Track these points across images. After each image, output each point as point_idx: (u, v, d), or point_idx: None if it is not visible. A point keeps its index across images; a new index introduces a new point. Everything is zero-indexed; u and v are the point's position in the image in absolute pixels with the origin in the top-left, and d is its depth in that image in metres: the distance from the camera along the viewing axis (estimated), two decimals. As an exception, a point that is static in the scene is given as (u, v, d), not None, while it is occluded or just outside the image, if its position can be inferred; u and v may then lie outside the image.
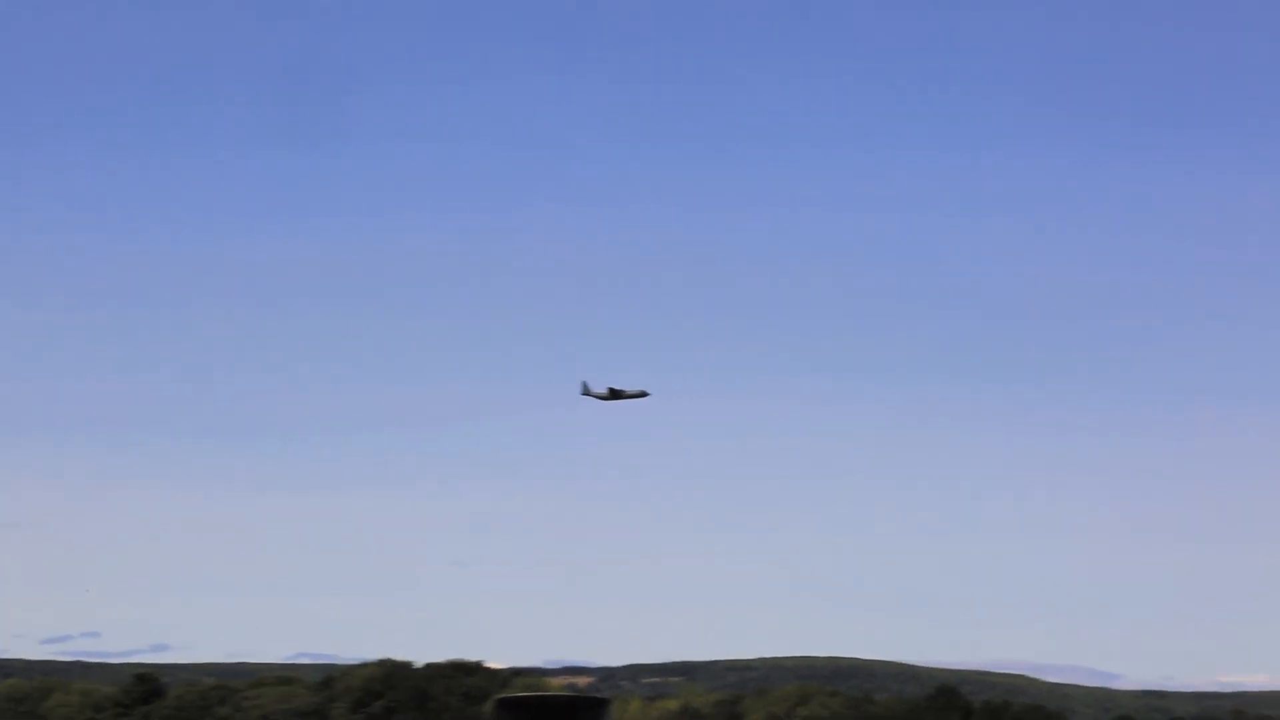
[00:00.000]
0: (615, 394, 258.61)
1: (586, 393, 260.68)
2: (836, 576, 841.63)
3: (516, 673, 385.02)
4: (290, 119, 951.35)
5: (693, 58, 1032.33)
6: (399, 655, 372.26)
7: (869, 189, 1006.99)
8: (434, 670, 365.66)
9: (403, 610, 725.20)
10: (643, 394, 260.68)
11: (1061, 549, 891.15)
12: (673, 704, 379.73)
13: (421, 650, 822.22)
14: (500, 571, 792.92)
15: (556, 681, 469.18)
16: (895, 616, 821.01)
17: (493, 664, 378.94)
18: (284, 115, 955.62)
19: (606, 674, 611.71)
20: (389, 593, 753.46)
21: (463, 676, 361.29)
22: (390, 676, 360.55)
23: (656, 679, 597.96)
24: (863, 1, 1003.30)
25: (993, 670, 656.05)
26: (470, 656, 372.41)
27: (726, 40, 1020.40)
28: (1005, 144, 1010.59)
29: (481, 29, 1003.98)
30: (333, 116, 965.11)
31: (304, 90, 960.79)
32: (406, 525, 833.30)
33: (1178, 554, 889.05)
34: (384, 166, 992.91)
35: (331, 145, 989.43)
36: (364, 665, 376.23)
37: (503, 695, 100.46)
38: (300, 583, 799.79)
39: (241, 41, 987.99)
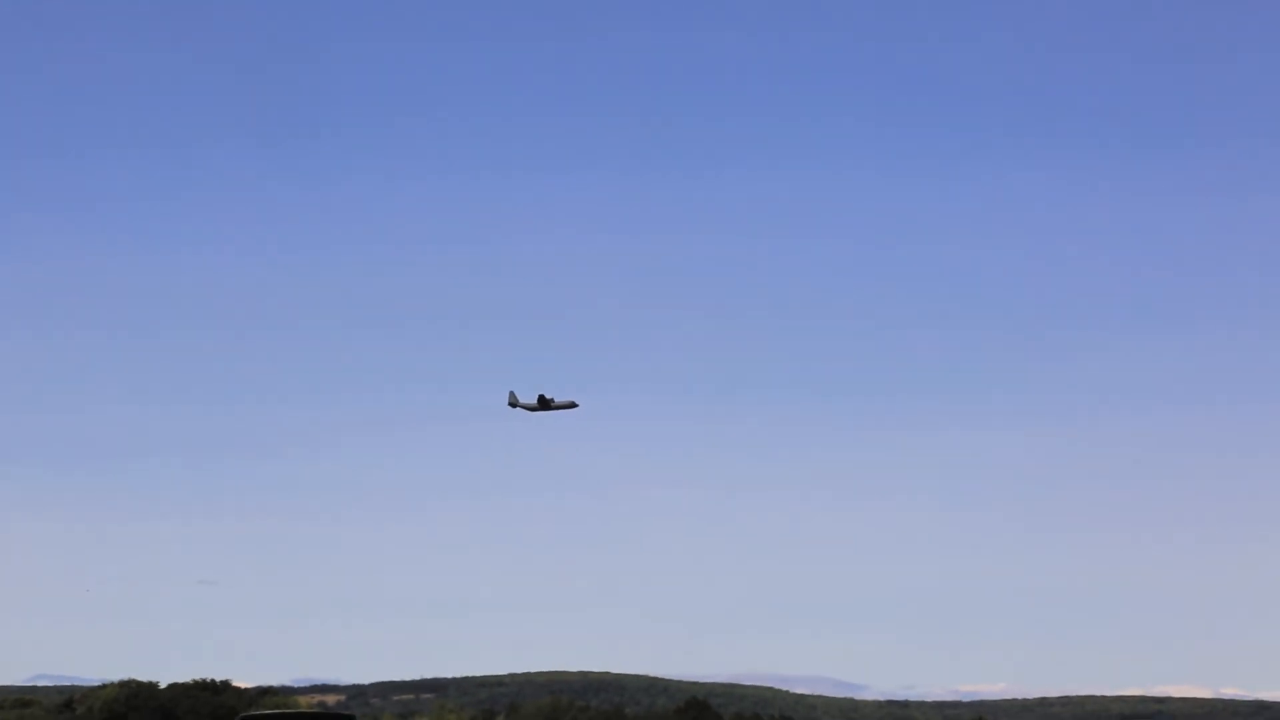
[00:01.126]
0: (545, 404, 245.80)
1: (514, 403, 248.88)
2: (586, 592, 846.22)
3: (264, 692, 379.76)
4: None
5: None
6: (143, 675, 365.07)
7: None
8: (178, 690, 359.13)
9: (147, 630, 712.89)
10: (572, 404, 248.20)
11: (806, 562, 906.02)
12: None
13: (166, 670, 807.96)
14: (250, 590, 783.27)
15: (305, 700, 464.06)
16: (645, 630, 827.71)
17: (240, 683, 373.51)
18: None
19: (357, 692, 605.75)
20: (133, 612, 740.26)
21: (209, 696, 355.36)
22: (133, 697, 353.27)
23: (408, 696, 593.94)
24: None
25: (741, 682, 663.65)
26: (217, 676, 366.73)
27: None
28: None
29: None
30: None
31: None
32: (152, 544, 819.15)
33: (917, 568, 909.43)
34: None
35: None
36: (106, 686, 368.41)
37: (247, 714, 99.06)
38: (38, 603, 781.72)
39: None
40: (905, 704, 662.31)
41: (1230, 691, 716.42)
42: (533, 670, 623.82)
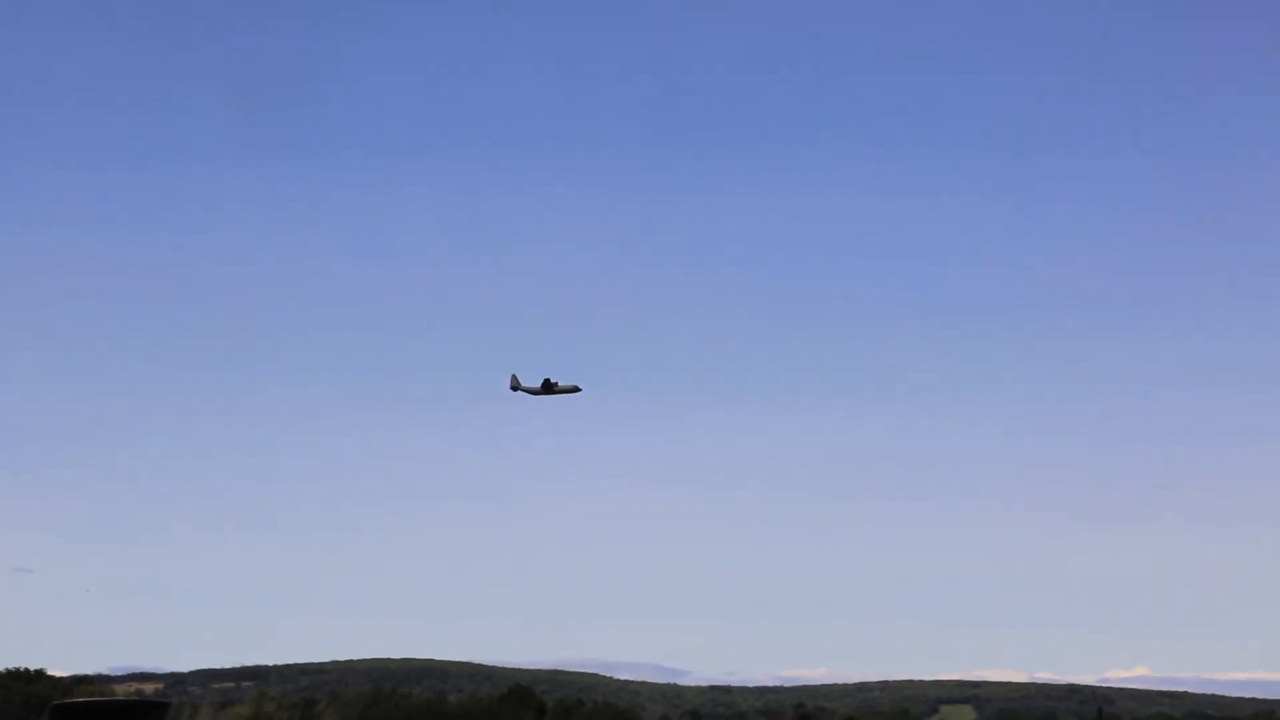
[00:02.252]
0: (549, 388, 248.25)
1: (516, 387, 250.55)
2: (409, 578, 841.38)
3: (80, 680, 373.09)
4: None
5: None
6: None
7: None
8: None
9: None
10: (575, 389, 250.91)
11: (629, 549, 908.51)
12: (244, 709, 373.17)
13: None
14: (66, 577, 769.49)
15: (123, 688, 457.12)
16: (469, 617, 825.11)
17: (55, 672, 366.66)
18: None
19: (175, 680, 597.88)
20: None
21: (21, 685, 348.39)
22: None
23: (228, 684, 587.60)
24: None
25: (565, 669, 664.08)
26: (31, 665, 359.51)
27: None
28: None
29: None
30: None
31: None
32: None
33: (738, 554, 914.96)
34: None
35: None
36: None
37: (58, 702, 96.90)
38: None
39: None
40: (728, 689, 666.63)
41: (1044, 675, 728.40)
42: (355, 657, 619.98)
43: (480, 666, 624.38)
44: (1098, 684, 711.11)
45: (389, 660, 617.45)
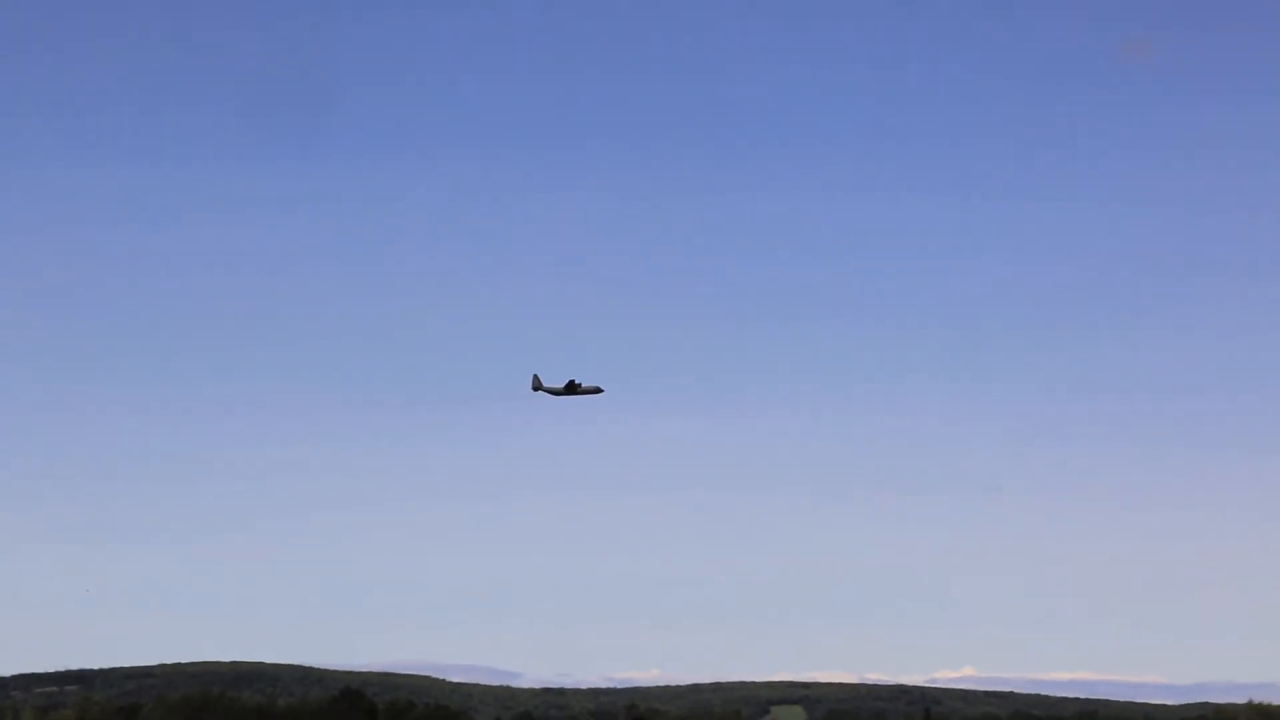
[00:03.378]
0: (572, 388, 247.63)
1: (538, 387, 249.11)
2: (237, 580, 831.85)
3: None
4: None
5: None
6: None
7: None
8: None
9: None
10: (597, 390, 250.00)
11: (461, 551, 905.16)
12: (68, 714, 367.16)
13: None
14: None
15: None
16: (298, 619, 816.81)
17: None
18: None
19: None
20: None
21: None
22: None
23: (51, 688, 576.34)
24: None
25: (397, 671, 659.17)
26: None
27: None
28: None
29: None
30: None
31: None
32: None
33: (570, 556, 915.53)
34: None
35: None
36: None
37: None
38: None
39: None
40: (561, 691, 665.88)
41: (874, 676, 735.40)
42: (182, 661, 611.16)
43: (310, 669, 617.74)
44: (926, 684, 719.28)
45: (217, 664, 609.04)
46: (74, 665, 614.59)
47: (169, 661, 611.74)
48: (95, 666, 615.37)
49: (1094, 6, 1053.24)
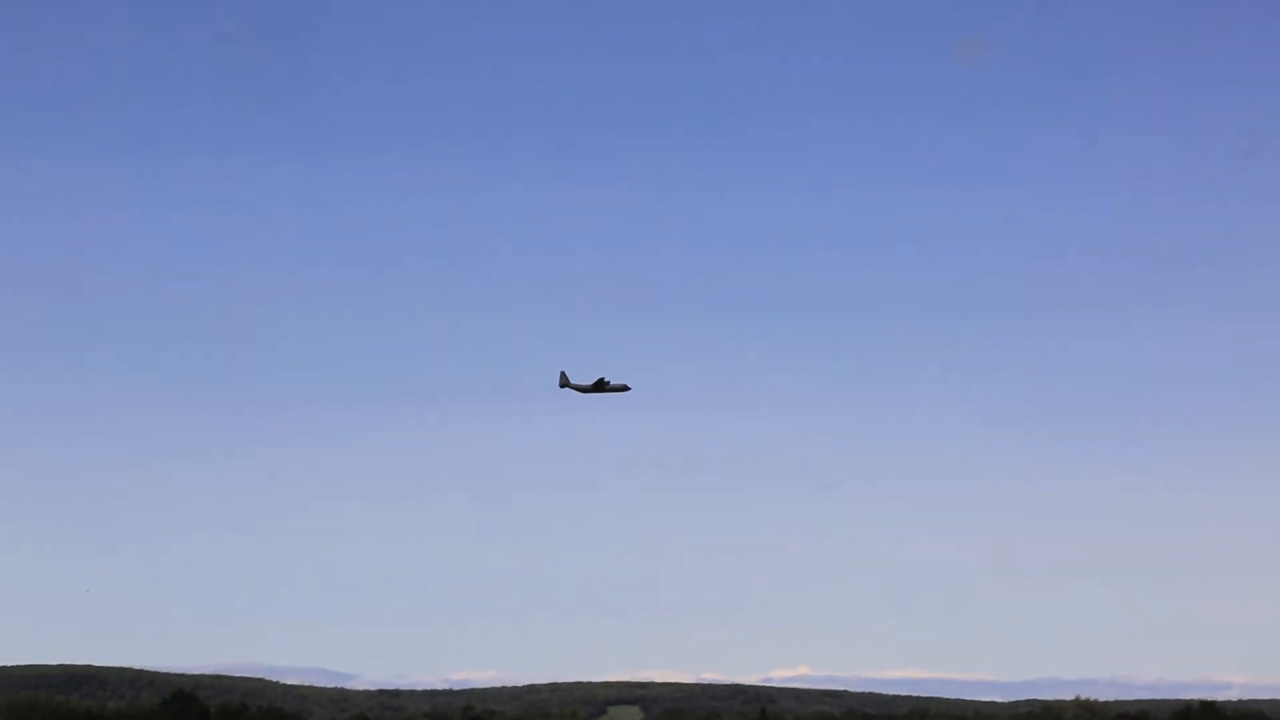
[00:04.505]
0: (601, 386, 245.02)
1: (566, 384, 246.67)
2: (63, 581, 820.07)
3: None
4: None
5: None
6: None
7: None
8: None
9: None
10: (625, 387, 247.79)
11: (294, 552, 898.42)
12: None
13: None
14: None
15: None
16: (128, 621, 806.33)
17: None
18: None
19: None
20: None
21: None
22: None
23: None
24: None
25: (230, 674, 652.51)
26: None
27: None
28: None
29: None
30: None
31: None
32: None
33: (407, 556, 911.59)
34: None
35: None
36: None
37: None
38: None
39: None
40: (396, 693, 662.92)
41: (710, 676, 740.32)
42: (9, 664, 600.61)
43: (141, 672, 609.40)
44: (761, 684, 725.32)
45: (45, 667, 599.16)
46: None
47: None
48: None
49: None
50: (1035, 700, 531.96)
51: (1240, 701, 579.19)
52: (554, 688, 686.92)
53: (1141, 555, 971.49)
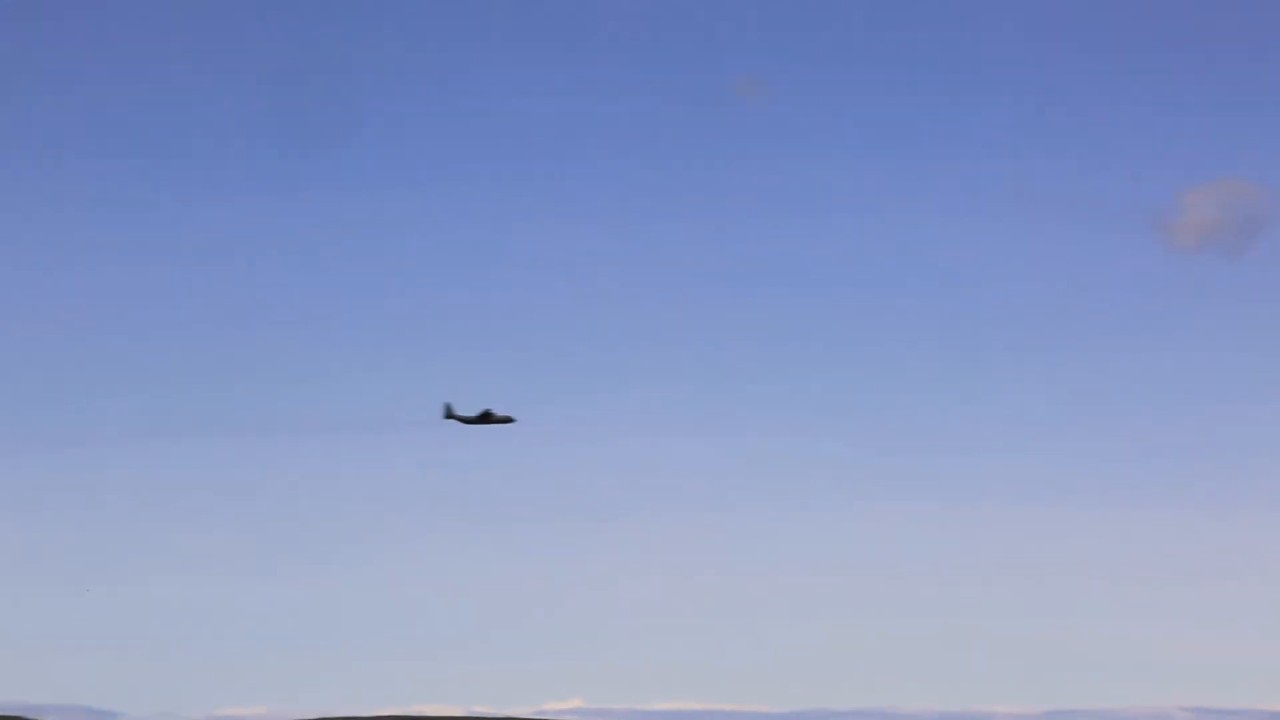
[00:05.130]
0: (486, 417, 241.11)
1: (450, 415, 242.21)
2: None
3: None
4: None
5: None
6: None
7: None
8: None
9: None
10: (510, 419, 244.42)
11: (53, 581, 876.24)
12: None
13: None
14: None
15: None
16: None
17: None
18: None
19: None
20: None
21: None
22: None
23: None
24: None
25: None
26: None
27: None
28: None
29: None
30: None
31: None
32: None
33: (170, 587, 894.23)
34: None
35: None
36: None
37: None
38: None
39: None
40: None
41: (480, 709, 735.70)
42: None
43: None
44: (533, 716, 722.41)
45: None
46: None
47: None
48: None
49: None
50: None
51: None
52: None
53: (903, 585, 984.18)
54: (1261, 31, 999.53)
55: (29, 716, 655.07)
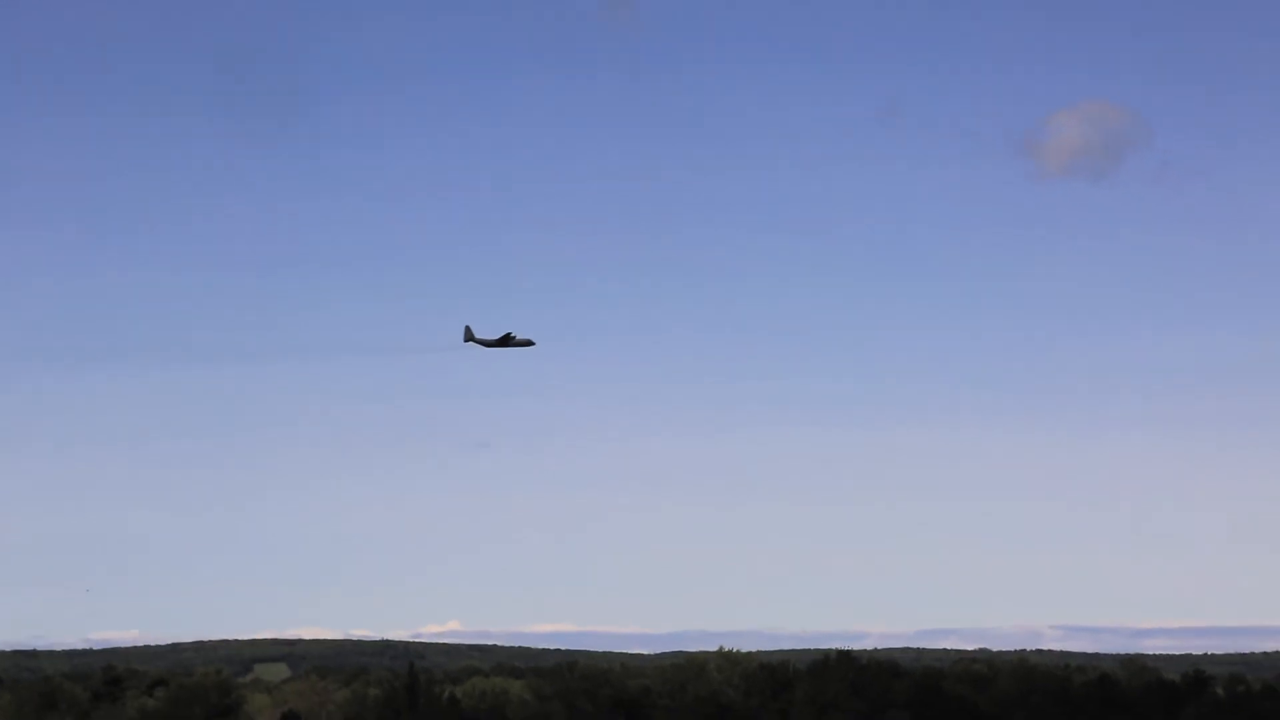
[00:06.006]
0: (506, 341, 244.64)
1: (470, 338, 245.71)
2: None
3: None
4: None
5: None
6: None
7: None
8: None
9: None
10: (529, 342, 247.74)
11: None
12: None
13: None
14: None
15: None
16: None
17: None
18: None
19: None
20: None
21: None
22: None
23: None
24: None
25: None
26: None
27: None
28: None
29: None
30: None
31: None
32: None
33: (51, 515, 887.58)
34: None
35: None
36: None
37: None
38: None
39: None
40: (34, 653, 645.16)
41: (359, 633, 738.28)
42: None
43: None
44: (411, 639, 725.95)
45: None
46: None
47: None
48: None
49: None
50: (681, 652, 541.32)
51: (875, 650, 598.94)
52: (199, 646, 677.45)
53: (781, 510, 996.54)
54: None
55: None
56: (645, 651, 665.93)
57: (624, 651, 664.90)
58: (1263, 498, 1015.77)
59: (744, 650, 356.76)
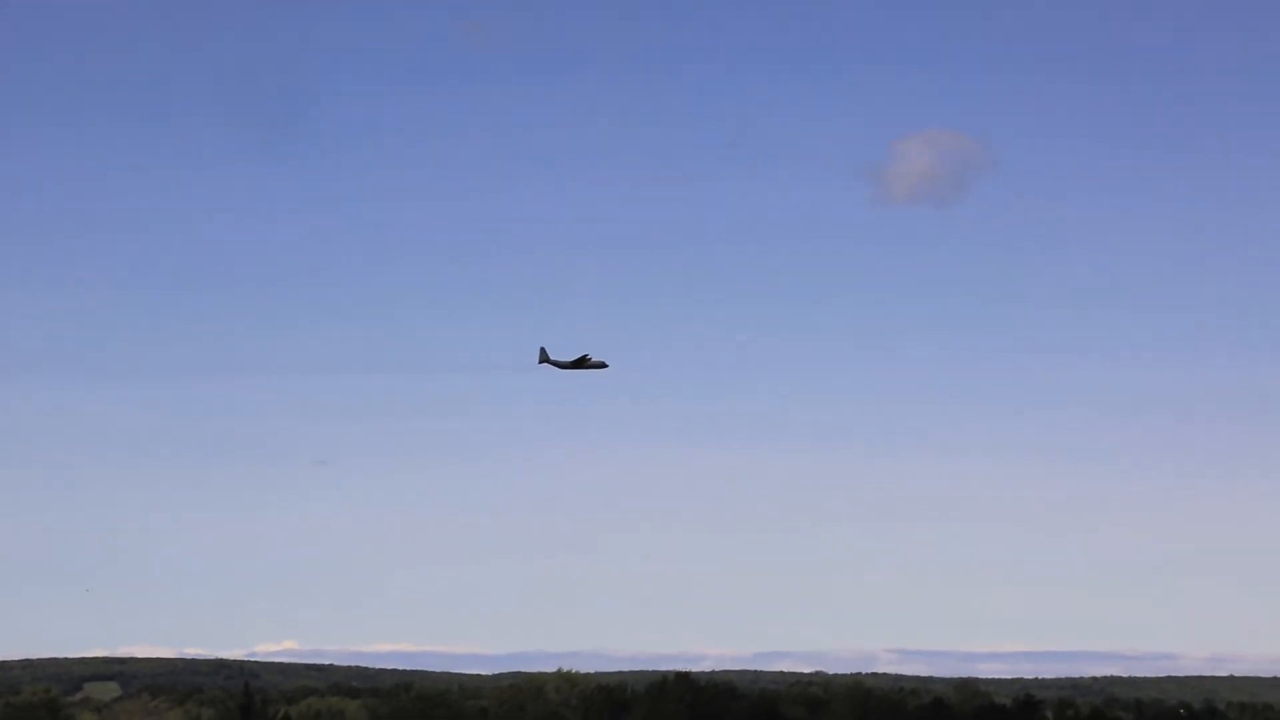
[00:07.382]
0: (581, 363, 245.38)
1: (545, 359, 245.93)
2: None
3: None
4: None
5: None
6: None
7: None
8: None
9: None
10: (602, 364, 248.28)
11: None
12: None
13: None
14: None
15: None
16: None
17: None
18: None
19: None
20: None
21: None
22: None
23: None
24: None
25: None
26: None
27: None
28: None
29: None
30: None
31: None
32: None
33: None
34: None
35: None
36: None
37: None
38: None
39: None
40: None
41: (193, 651, 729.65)
42: None
43: None
44: (246, 658, 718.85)
45: None
46: None
47: None
48: None
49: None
50: (519, 673, 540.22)
51: (713, 672, 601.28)
52: (26, 664, 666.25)
53: (619, 530, 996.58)
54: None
55: None
56: (484, 672, 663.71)
57: (462, 672, 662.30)
58: (1097, 524, 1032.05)
59: (582, 671, 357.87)
